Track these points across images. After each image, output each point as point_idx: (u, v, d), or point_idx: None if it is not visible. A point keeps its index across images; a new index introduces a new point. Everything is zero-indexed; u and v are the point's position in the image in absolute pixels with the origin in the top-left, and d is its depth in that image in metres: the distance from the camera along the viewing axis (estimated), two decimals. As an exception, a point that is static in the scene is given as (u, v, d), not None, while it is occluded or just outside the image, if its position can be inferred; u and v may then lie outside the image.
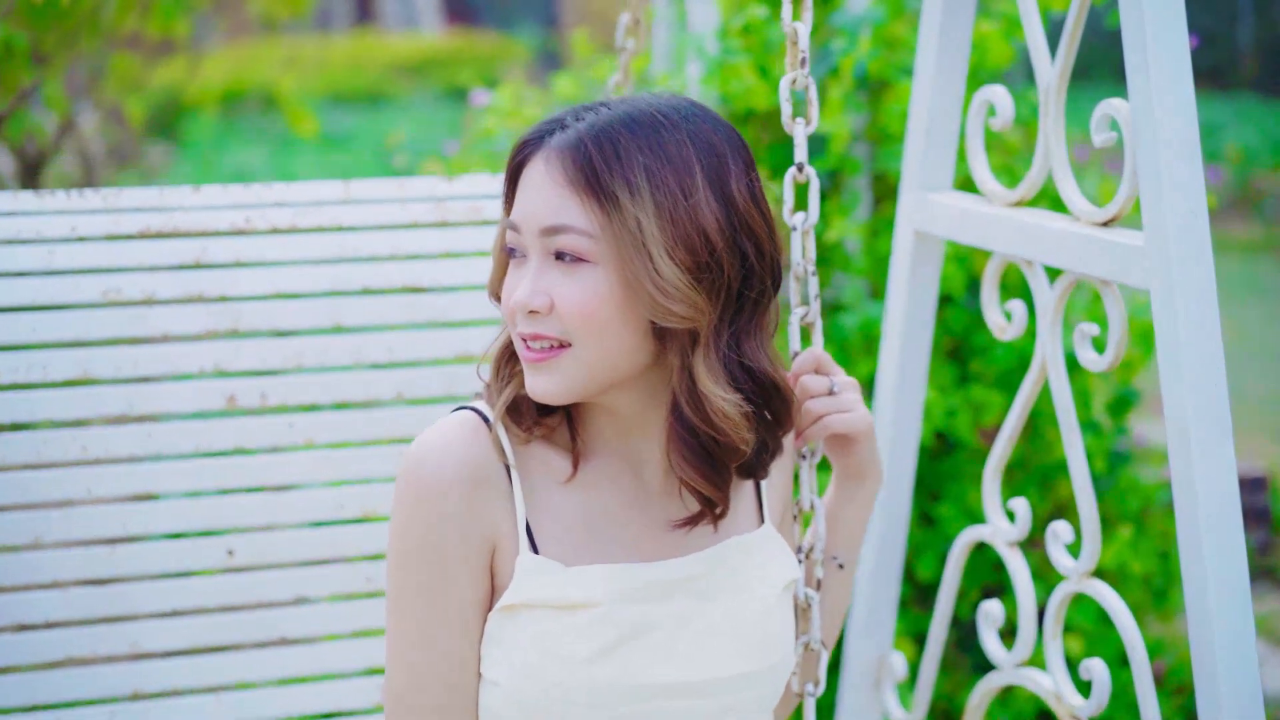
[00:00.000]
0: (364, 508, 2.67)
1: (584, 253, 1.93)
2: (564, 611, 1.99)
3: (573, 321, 1.94)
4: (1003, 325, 2.54)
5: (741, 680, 2.07)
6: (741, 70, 3.68)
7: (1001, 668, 2.59)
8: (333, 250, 2.67)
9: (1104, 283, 2.28)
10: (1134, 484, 3.98)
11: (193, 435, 2.61)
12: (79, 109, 7.15)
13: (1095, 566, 2.39)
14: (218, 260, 2.62)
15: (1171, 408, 2.15)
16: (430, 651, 1.99)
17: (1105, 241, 2.25)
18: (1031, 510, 3.78)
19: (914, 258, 2.71)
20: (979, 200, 2.58)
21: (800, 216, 2.26)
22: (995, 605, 2.59)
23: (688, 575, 2.06)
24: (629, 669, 1.99)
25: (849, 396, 2.23)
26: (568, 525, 2.03)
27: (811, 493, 2.29)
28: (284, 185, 2.70)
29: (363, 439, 2.68)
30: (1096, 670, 2.37)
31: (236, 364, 2.63)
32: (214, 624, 2.61)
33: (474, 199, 2.77)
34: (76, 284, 2.56)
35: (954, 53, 2.63)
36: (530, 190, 1.97)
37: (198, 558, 2.61)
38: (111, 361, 2.57)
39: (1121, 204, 2.25)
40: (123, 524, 2.57)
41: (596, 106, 2.01)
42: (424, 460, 1.98)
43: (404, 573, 1.99)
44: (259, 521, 2.63)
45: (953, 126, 2.67)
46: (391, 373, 2.69)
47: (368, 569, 2.67)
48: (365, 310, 2.68)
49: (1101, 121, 2.26)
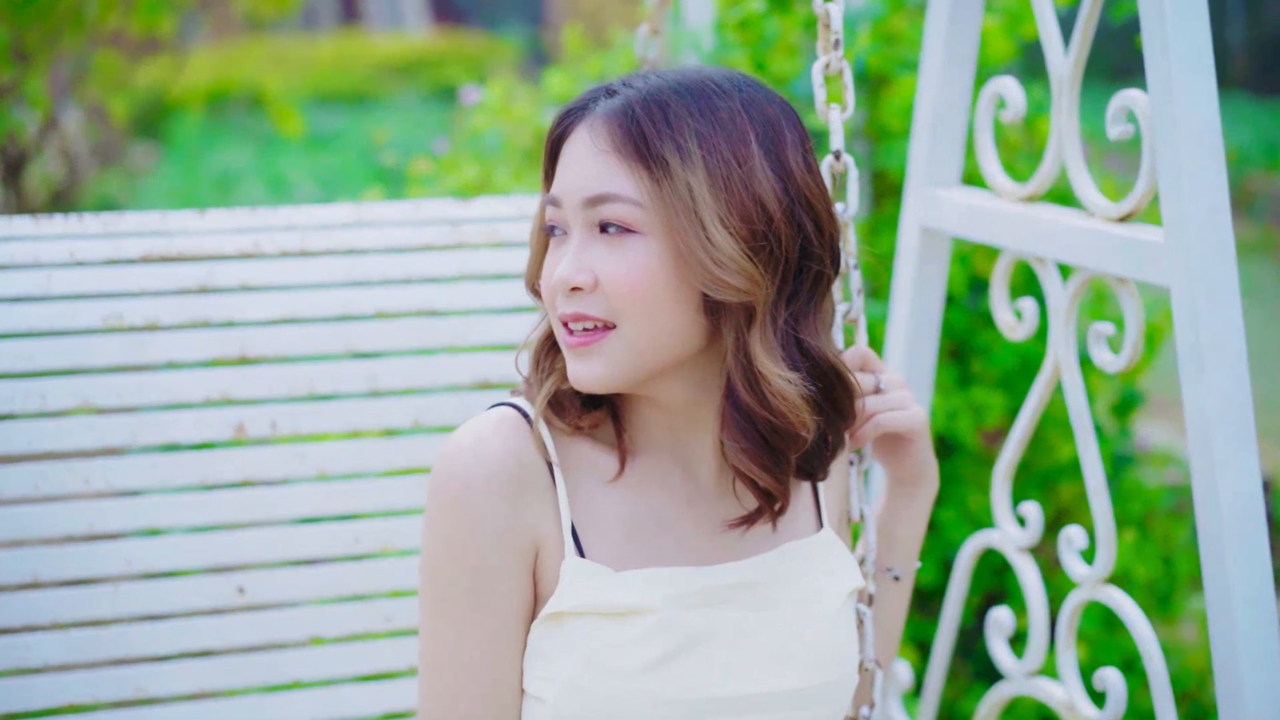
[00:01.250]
0: (381, 542, 2.56)
1: (631, 223, 1.83)
2: (616, 619, 1.87)
3: (620, 298, 1.82)
4: (1013, 324, 2.47)
5: (806, 695, 1.95)
6: (739, 65, 3.58)
7: (1011, 677, 2.52)
8: (344, 274, 2.57)
9: (1120, 280, 2.21)
10: (1137, 488, 3.92)
11: (199, 467, 2.50)
12: (61, 108, 7.06)
13: (1110, 573, 2.32)
14: (224, 285, 2.52)
15: (1192, 410, 2.07)
16: (469, 666, 1.87)
17: (1123, 238, 2.18)
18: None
19: (920, 255, 2.64)
20: (988, 196, 2.51)
21: (840, 207, 2.14)
22: (1005, 613, 2.52)
23: (745, 581, 1.93)
24: (686, 682, 1.87)
25: (900, 394, 2.13)
26: (615, 527, 1.91)
27: (861, 500, 2.16)
28: (292, 209, 2.61)
29: (379, 470, 2.57)
30: (1111, 680, 2.29)
31: (244, 392, 2.52)
32: (223, 666, 2.50)
33: (490, 222, 2.67)
34: (75, 310, 2.45)
35: (962, 44, 2.56)
36: (573, 161, 1.86)
37: (206, 596, 2.50)
38: (113, 390, 2.46)
39: (1139, 199, 2.18)
40: (126, 561, 2.46)
41: (645, 74, 1.90)
42: (459, 459, 1.87)
43: (439, 581, 1.87)
44: (270, 558, 2.52)
45: (960, 120, 2.60)
46: (407, 400, 2.58)
47: (386, 607, 2.56)
48: (379, 335, 2.58)
49: (1118, 114, 2.19)
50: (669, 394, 1.92)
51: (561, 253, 1.87)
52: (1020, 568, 2.50)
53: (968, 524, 3.64)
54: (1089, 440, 2.34)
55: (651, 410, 1.94)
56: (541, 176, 1.94)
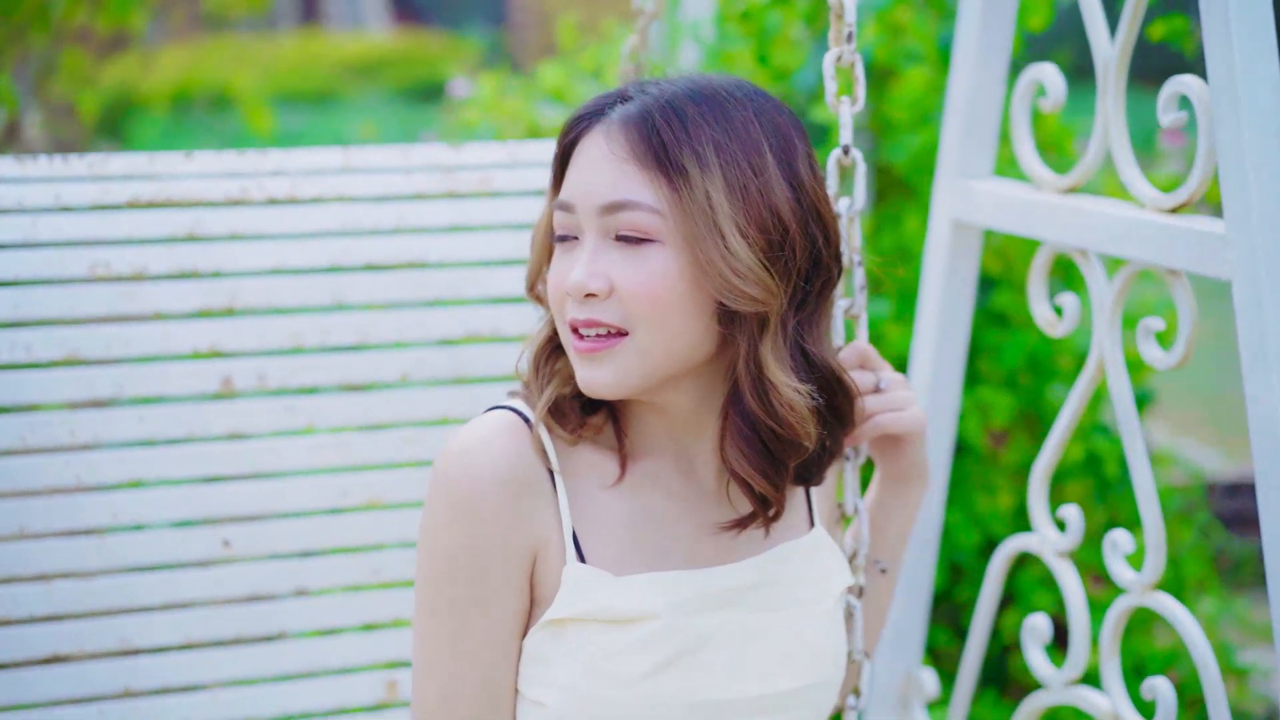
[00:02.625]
0: (369, 495, 2.54)
1: (650, 231, 1.83)
2: (618, 626, 1.87)
3: (635, 305, 1.82)
4: (1053, 321, 2.40)
5: (803, 694, 1.97)
6: (742, 58, 3.56)
7: (1050, 687, 2.44)
8: (334, 223, 2.54)
9: (1172, 273, 2.14)
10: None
11: (187, 419, 2.47)
12: (24, 105, 6.99)
13: (1159, 579, 2.26)
14: (212, 233, 2.49)
15: (1257, 409, 2.01)
16: (465, 671, 1.87)
17: (1178, 229, 2.11)
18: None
19: (951, 249, 2.58)
20: (1026, 187, 2.44)
21: (845, 202, 2.13)
22: (1041, 620, 2.45)
23: (742, 583, 1.95)
24: (686, 686, 1.88)
25: (901, 394, 2.12)
26: (615, 531, 1.92)
27: (855, 495, 2.16)
28: (281, 152, 2.57)
29: (367, 423, 2.55)
30: (1161, 690, 2.23)
31: (233, 344, 2.49)
32: (209, 618, 2.47)
33: (483, 169, 2.64)
34: (62, 257, 2.41)
35: (997, 29, 2.50)
36: (587, 166, 1.86)
37: (192, 549, 2.47)
38: (100, 341, 2.43)
39: (1194, 189, 2.11)
40: (112, 513, 2.43)
41: (657, 81, 1.90)
42: (460, 463, 1.86)
43: (437, 586, 1.87)
44: (257, 510, 2.50)
45: (994, 109, 2.54)
46: (397, 353, 2.56)
47: (373, 560, 2.54)
48: (369, 287, 2.55)
49: (1170, 101, 2.14)
50: (674, 400, 1.92)
51: (573, 258, 1.86)
52: (1060, 573, 2.44)
53: (974, 526, 3.62)
54: (1137, 443, 2.27)
55: (654, 415, 1.95)
56: (550, 181, 1.94)
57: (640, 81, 1.91)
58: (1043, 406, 3.77)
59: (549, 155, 2.65)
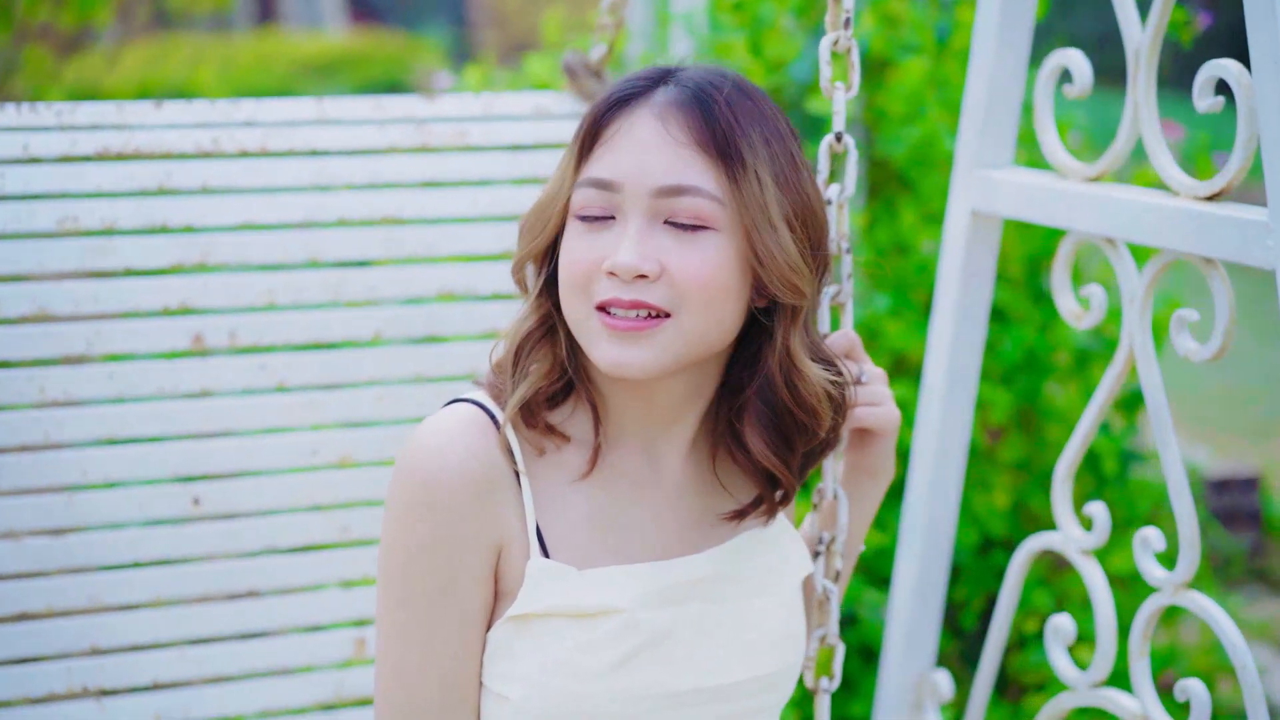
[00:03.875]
0: (339, 453, 2.52)
1: (708, 218, 1.82)
2: (583, 620, 1.86)
3: (688, 289, 1.81)
4: (1079, 313, 2.36)
5: (765, 681, 1.98)
6: (736, 49, 3.54)
7: (1075, 688, 2.39)
8: (307, 177, 2.52)
9: (1208, 262, 2.09)
10: (1144, 485, 3.84)
11: (157, 376, 2.45)
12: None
13: (1193, 578, 2.21)
14: (183, 186, 2.46)
15: None
16: (429, 666, 1.85)
17: (1216, 217, 2.05)
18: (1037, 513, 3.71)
19: (969, 241, 2.51)
20: (1050, 176, 2.39)
21: (835, 189, 2.12)
22: (1066, 620, 2.40)
23: (706, 574, 1.94)
24: (652, 677, 1.87)
25: (879, 389, 2.11)
26: (580, 525, 1.90)
27: (836, 481, 2.14)
28: (253, 103, 2.55)
29: (339, 381, 2.53)
30: (1195, 691, 2.18)
31: (204, 300, 2.47)
32: (178, 576, 2.45)
33: (458, 121, 2.62)
34: (30, 210, 2.39)
35: (1018, 14, 2.44)
36: (637, 147, 1.83)
37: (161, 506, 2.45)
38: (69, 297, 2.40)
39: (1232, 176, 2.06)
40: (82, 471, 2.41)
41: (683, 67, 1.91)
42: (426, 460, 1.84)
43: (400, 581, 1.85)
44: (227, 468, 2.48)
45: (1015, 97, 2.48)
46: (370, 311, 2.55)
47: (343, 517, 2.52)
48: (342, 243, 2.53)
49: (1206, 86, 2.08)
50: (667, 388, 1.91)
51: (608, 238, 1.83)
52: (1086, 572, 2.38)
53: (973, 526, 3.59)
54: (1169, 437, 2.21)
55: (635, 404, 1.92)
56: (569, 160, 1.89)
57: (668, 67, 1.90)
58: (1039, 403, 3.73)
59: (523, 108, 2.65)
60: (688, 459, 1.96)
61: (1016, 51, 2.46)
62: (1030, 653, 3.62)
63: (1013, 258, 3.70)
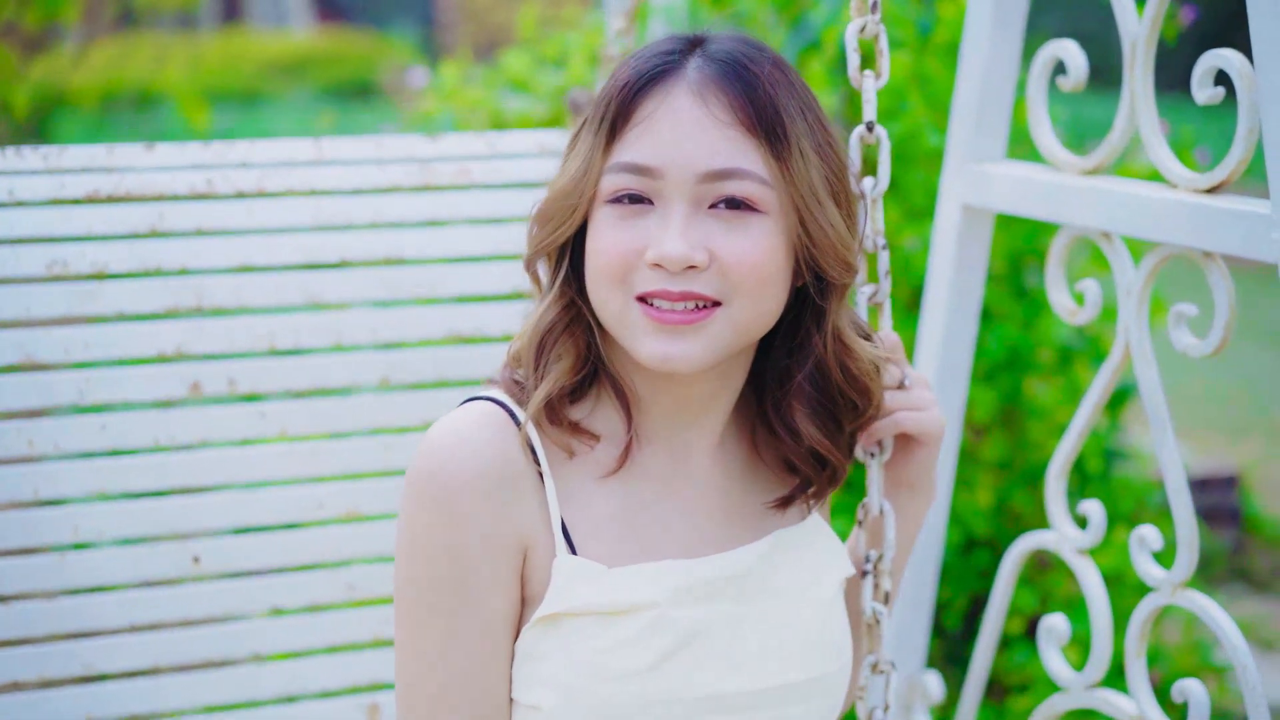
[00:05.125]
0: (346, 507, 2.42)
1: (757, 202, 1.74)
2: (614, 618, 1.76)
3: (739, 277, 1.73)
4: (1073, 309, 2.31)
5: (806, 688, 1.86)
6: None
7: (1069, 689, 2.33)
8: (305, 217, 2.43)
9: (1207, 256, 2.05)
10: (1127, 484, 3.84)
11: (152, 427, 2.35)
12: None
13: (1190, 577, 2.16)
14: (176, 228, 2.36)
15: None
16: (454, 675, 1.75)
17: (1217, 210, 2.01)
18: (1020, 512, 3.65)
19: (961, 235, 2.48)
20: (1044, 169, 2.35)
21: (870, 182, 2.03)
22: (1059, 620, 2.35)
23: (740, 571, 1.84)
24: (689, 679, 1.77)
25: (923, 394, 2.02)
26: (606, 522, 1.81)
27: (880, 495, 2.04)
28: (248, 143, 2.46)
29: (344, 429, 2.43)
30: (1193, 692, 2.13)
31: (200, 346, 2.37)
32: (178, 640, 2.35)
33: (461, 160, 2.52)
34: (17, 255, 2.29)
35: (1012, 7, 2.40)
36: (678, 128, 1.73)
37: (159, 565, 2.35)
38: (59, 343, 2.30)
39: (1232, 168, 2.02)
40: (73, 529, 2.31)
41: (708, 35, 1.80)
42: (440, 457, 1.74)
43: (421, 588, 1.75)
44: (228, 524, 2.38)
45: (1008, 90, 2.45)
46: (375, 355, 2.45)
47: (349, 575, 2.42)
48: (343, 285, 2.43)
49: (1205, 76, 2.04)
50: (703, 378, 1.83)
51: (647, 225, 1.74)
52: (1081, 571, 2.33)
53: (953, 523, 3.55)
54: (1166, 435, 2.17)
55: (665, 397, 1.84)
56: (600, 139, 1.77)
57: (692, 35, 1.80)
58: (1022, 402, 3.71)
59: (527, 146, 2.56)
60: (718, 451, 1.89)
61: (1010, 44, 2.43)
62: (1014, 653, 3.61)
63: (996, 254, 3.67)
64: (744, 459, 1.91)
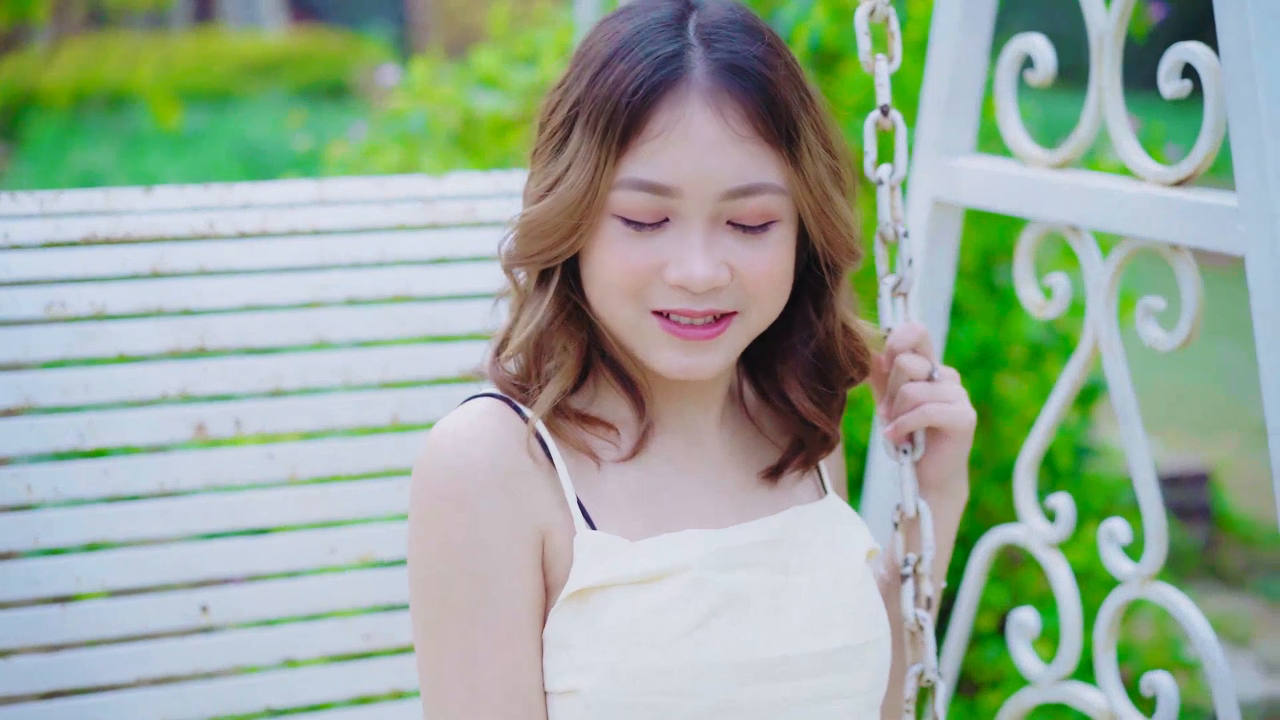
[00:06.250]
0: (360, 552, 2.35)
1: (774, 212, 1.73)
2: (647, 585, 1.72)
3: (758, 289, 1.74)
4: (1041, 303, 2.32)
5: (849, 656, 1.81)
6: None
7: (1038, 683, 2.34)
8: (311, 256, 2.37)
9: (1174, 249, 2.06)
10: (1098, 481, 3.87)
11: (156, 471, 2.28)
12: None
13: (1159, 570, 2.17)
14: (178, 269, 2.30)
15: (1274, 390, 1.91)
16: (483, 676, 1.70)
17: (1184, 203, 2.02)
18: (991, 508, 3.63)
19: (931, 230, 2.47)
20: (1013, 164, 2.35)
21: (887, 169, 2.01)
22: (1029, 614, 2.34)
23: (761, 540, 1.81)
24: (728, 644, 1.72)
25: (951, 387, 1.99)
26: (625, 502, 1.79)
27: (915, 495, 2.00)
28: (248, 186, 2.39)
29: (355, 471, 2.36)
30: (1162, 685, 2.13)
31: (205, 387, 2.30)
32: (187, 695, 2.28)
33: (466, 199, 2.47)
34: (13, 297, 2.22)
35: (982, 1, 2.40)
36: (695, 147, 1.68)
37: (166, 616, 2.28)
38: (57, 386, 2.23)
39: (1199, 161, 2.03)
40: (75, 578, 2.24)
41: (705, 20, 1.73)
42: (446, 452, 1.72)
43: (437, 587, 1.71)
44: (236, 571, 2.31)
45: (977, 84, 2.45)
46: (385, 394, 2.38)
47: (365, 624, 2.36)
48: (352, 323, 2.37)
49: (1172, 70, 2.05)
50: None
51: (661, 242, 1.71)
52: (1050, 565, 2.34)
53: None
54: (1135, 430, 2.17)
55: (668, 384, 1.83)
56: (607, 150, 1.70)
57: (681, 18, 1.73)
58: (993, 398, 3.72)
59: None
60: (720, 427, 1.89)
61: (979, 38, 2.43)
62: (985, 649, 3.63)
63: (966, 251, 3.69)
64: (745, 432, 1.91)
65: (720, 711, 1.71)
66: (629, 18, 1.75)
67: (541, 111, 1.81)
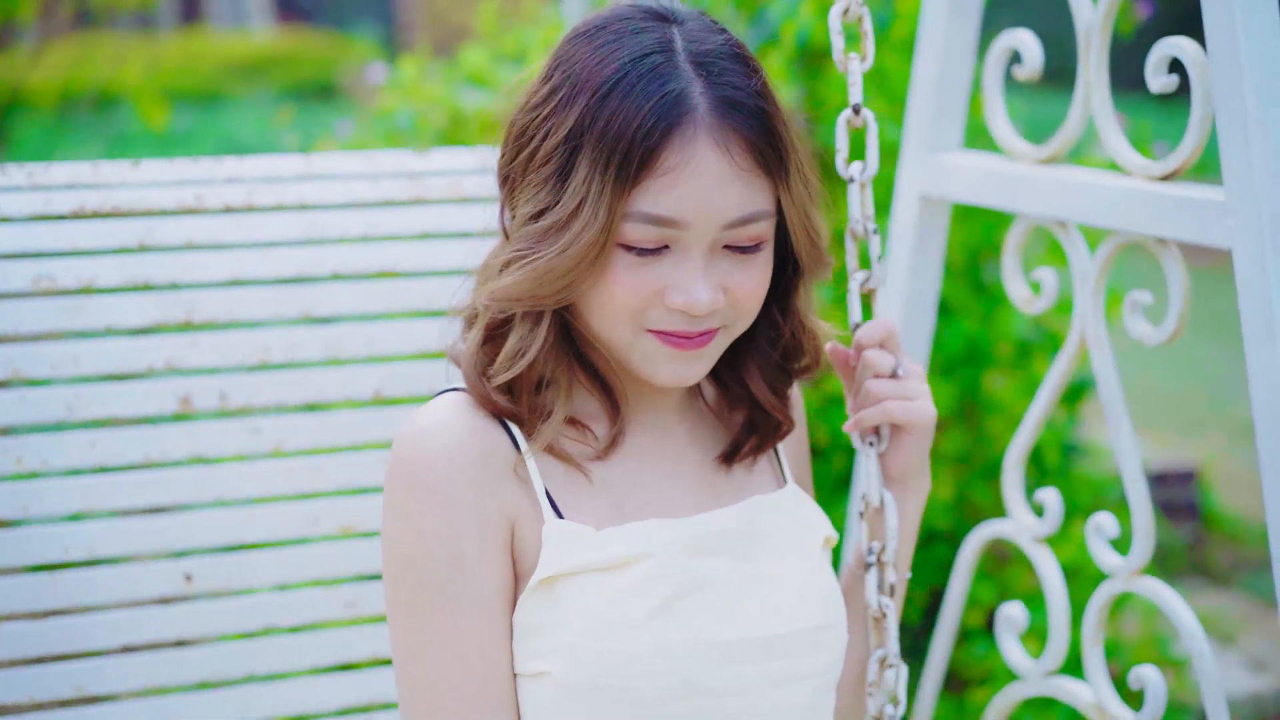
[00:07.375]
0: (342, 523, 2.37)
1: (764, 235, 1.79)
2: (612, 572, 1.78)
3: (746, 305, 1.81)
4: (1029, 298, 2.34)
5: (809, 638, 1.86)
6: None
7: (1026, 678, 2.36)
8: (297, 231, 2.38)
9: (1161, 243, 2.08)
10: (1085, 478, 3.87)
11: (142, 443, 2.30)
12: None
13: (1146, 564, 2.19)
14: (166, 242, 2.31)
15: (1261, 385, 1.93)
16: (455, 659, 1.76)
17: (1171, 197, 2.04)
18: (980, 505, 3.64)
19: (919, 226, 2.49)
20: (1000, 159, 2.37)
21: (858, 166, 2.03)
22: (1017, 609, 2.36)
23: (723, 529, 1.88)
24: (694, 626, 1.78)
25: (914, 384, 2.01)
26: (592, 493, 1.84)
27: (880, 486, 2.03)
28: (236, 160, 2.40)
29: (339, 444, 2.38)
30: (1150, 679, 2.15)
31: (191, 361, 2.32)
32: (171, 660, 2.29)
33: (452, 174, 2.49)
34: (2, 270, 2.23)
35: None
36: (702, 183, 1.72)
37: (151, 585, 2.29)
38: (46, 359, 2.25)
39: (1186, 155, 2.04)
40: (63, 548, 2.25)
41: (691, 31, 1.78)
42: (421, 443, 1.78)
43: (412, 575, 1.76)
44: (221, 541, 2.32)
45: (965, 79, 2.47)
46: (370, 368, 2.40)
47: (348, 593, 2.37)
48: (337, 298, 2.38)
49: (1160, 64, 2.06)
50: None
51: (662, 268, 1.75)
52: (1038, 560, 2.36)
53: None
54: (1123, 422, 2.19)
55: (642, 383, 1.90)
56: (617, 185, 1.71)
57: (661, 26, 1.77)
58: (980, 395, 3.72)
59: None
60: (682, 419, 1.95)
61: (966, 33, 2.44)
62: (974, 645, 3.64)
63: (954, 248, 3.69)
64: (705, 422, 1.97)
65: (684, 692, 1.76)
66: (613, 36, 1.76)
67: (520, 127, 1.80)
